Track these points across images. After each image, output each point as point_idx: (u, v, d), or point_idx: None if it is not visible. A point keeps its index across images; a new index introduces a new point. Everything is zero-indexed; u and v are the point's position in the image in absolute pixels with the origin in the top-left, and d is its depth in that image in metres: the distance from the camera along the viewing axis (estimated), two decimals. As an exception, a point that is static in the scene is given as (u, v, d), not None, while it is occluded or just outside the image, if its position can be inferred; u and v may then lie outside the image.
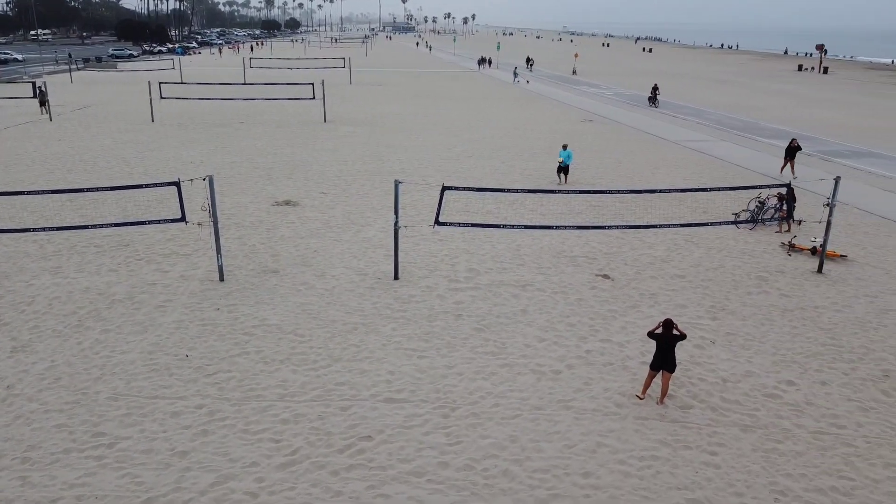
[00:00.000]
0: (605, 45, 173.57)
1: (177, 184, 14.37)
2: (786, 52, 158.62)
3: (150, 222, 14.44)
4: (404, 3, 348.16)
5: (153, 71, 61.92)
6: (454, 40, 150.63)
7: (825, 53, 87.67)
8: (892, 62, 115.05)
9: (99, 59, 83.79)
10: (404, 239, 17.80)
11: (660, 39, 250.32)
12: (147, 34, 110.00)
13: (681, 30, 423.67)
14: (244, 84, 40.67)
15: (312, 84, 38.84)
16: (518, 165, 28.19)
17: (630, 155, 30.98)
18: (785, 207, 19.63)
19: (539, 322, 13.51)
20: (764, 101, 55.47)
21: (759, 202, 20.08)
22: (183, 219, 14.56)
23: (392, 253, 15.71)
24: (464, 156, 30.07)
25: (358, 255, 17.15)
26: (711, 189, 15.60)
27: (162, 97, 38.26)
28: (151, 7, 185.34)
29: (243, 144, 31.58)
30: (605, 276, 15.97)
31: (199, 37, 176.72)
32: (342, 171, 26.40)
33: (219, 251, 14.97)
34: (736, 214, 20.26)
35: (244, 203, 21.60)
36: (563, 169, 24.57)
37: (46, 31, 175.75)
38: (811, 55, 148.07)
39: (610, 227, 15.79)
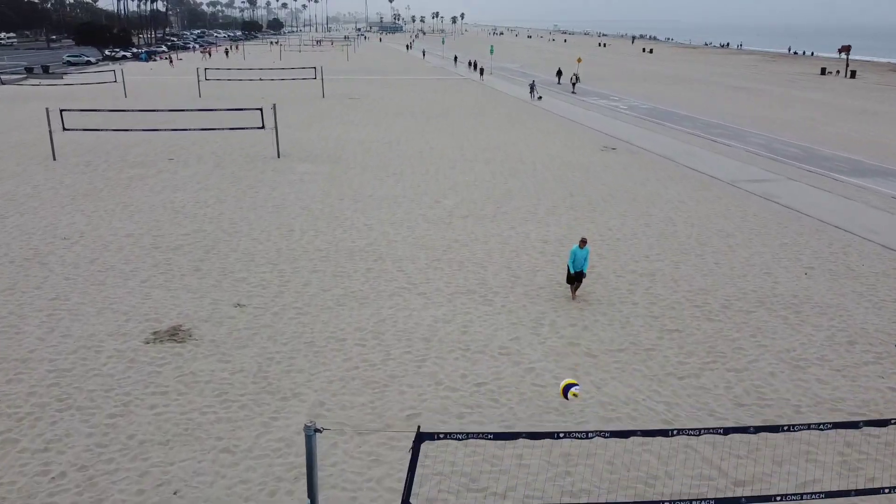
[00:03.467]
0: (602, 45, 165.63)
1: None
2: (789, 51, 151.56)
3: None
4: (391, 2, 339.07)
5: (91, 85, 53.27)
6: (443, 41, 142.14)
7: (845, 54, 79.92)
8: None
9: (46, 69, 74.87)
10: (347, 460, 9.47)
11: (655, 38, 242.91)
12: (109, 38, 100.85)
13: (670, 28, 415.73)
14: (175, 111, 32.22)
15: (261, 110, 30.41)
16: (533, 233, 19.91)
17: (681, 207, 22.79)
18: None
19: None
20: (802, 114, 47.47)
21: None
22: None
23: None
24: (456, 215, 21.77)
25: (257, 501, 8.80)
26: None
27: (65, 129, 29.68)
28: (131, 9, 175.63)
29: (156, 200, 23.14)
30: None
31: (174, 39, 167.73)
32: (279, 253, 18.03)
33: None
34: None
35: (97, 339, 13.13)
36: (577, 276, 15.14)
37: (11, 34, 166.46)
38: (812, 54, 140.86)
39: None
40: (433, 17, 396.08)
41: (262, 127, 29.72)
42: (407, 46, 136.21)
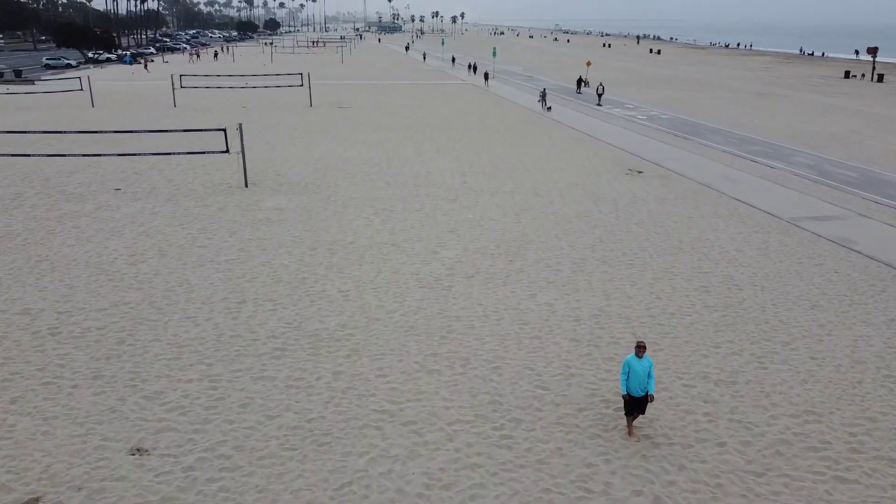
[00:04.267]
0: (606, 45, 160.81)
1: None
2: (801, 52, 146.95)
3: None
4: (390, 1, 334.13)
5: (55, 93, 48.51)
6: (442, 42, 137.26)
7: (861, 55, 75.00)
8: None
9: (18, 73, 69.98)
10: None
11: (658, 38, 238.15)
12: (92, 39, 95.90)
13: (670, 27, 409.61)
14: (122, 132, 27.39)
15: (224, 130, 25.59)
16: (559, 305, 15.15)
17: (740, 260, 18.04)
18: None
19: None
20: (842, 125, 42.71)
21: None
22: None
23: None
24: (458, 273, 17.04)
25: None
26: None
27: (-11, 154, 24.91)
28: (127, 8, 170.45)
29: (80, 252, 18.37)
30: None
31: (166, 40, 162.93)
32: (219, 342, 13.26)
33: None
34: None
35: None
36: (640, 403, 10.10)
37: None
38: (823, 55, 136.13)
39: None
40: (433, 17, 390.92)
41: (227, 151, 24.92)
42: (406, 48, 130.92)
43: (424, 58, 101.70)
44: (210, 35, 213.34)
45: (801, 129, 41.15)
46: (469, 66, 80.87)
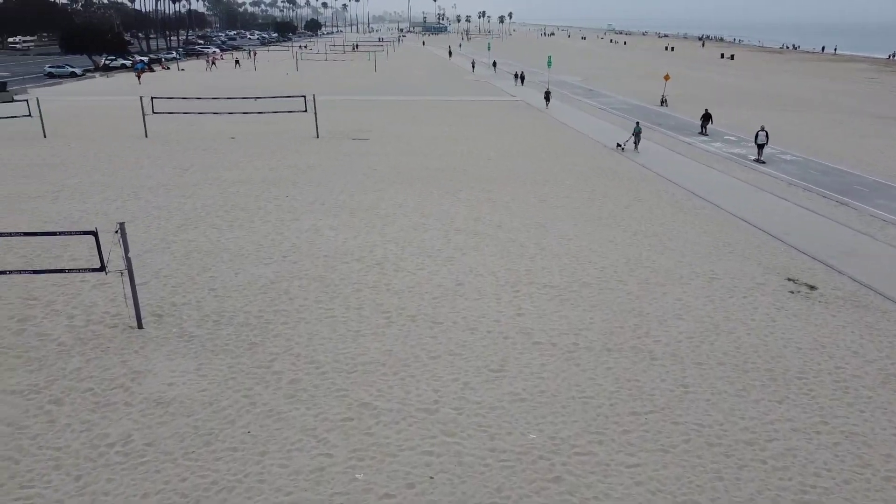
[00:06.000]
0: (669, 48, 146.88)
1: None
2: (891, 57, 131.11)
3: None
4: (435, 0, 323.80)
5: (7, 119, 38.85)
6: (488, 47, 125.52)
7: None
8: None
9: (3, 87, 61.29)
10: None
11: (722, 39, 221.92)
12: (98, 44, 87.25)
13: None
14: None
15: (94, 233, 14.71)
16: None
17: None
18: None
19: None
20: None
21: None
22: None
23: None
24: None
25: None
26: None
27: None
28: (174, 9, 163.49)
29: None
30: None
31: (200, 42, 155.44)
32: None
33: None
34: None
35: None
36: None
37: (29, 37, 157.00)
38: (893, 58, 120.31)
39: None
40: (479, 17, 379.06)
41: (102, 269, 14.13)
42: (449, 53, 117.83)
43: (473, 67, 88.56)
44: (249, 37, 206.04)
45: None
46: (515, 76, 69.42)
